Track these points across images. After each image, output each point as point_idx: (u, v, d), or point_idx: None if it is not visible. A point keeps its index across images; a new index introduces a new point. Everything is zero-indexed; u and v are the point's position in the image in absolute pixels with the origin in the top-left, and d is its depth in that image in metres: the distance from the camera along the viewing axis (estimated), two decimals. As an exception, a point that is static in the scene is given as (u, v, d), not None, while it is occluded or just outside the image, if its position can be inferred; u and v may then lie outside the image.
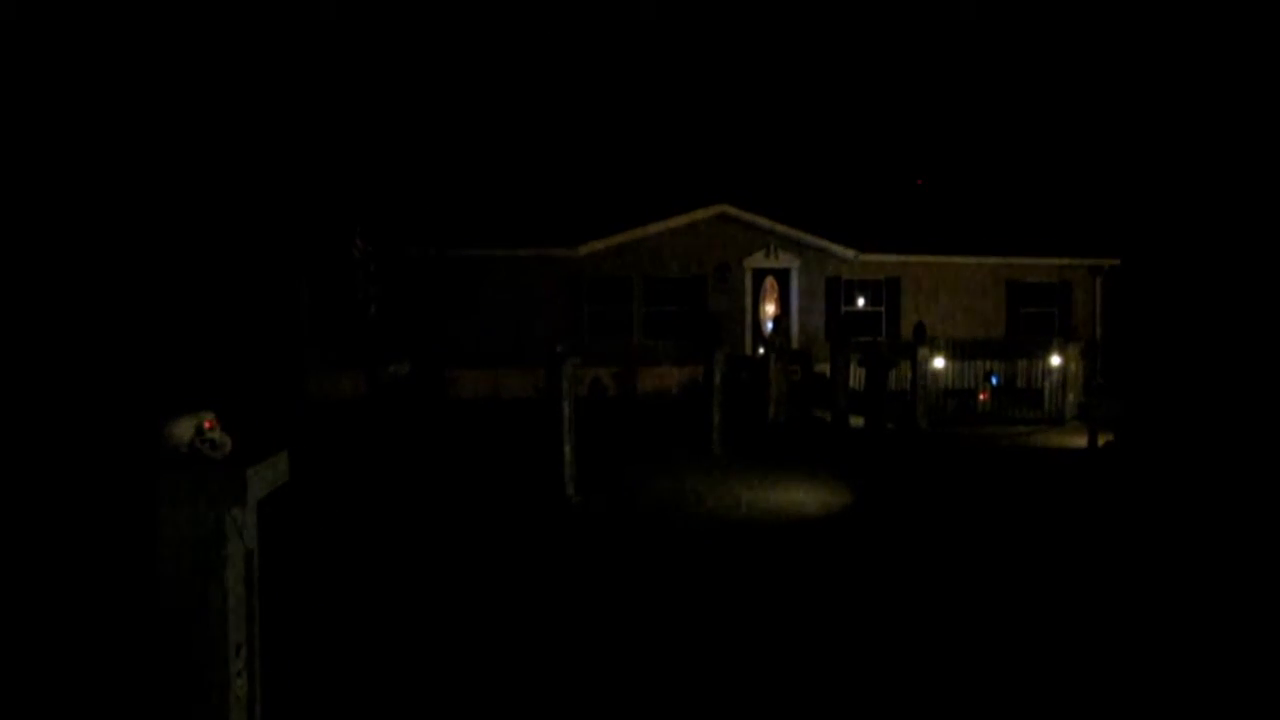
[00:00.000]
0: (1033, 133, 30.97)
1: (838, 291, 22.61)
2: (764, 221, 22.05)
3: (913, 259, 22.82)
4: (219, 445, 2.83)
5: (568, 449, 9.91)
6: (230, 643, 2.67)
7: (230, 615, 2.68)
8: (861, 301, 22.81)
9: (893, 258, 22.68)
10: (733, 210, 21.91)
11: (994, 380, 18.51)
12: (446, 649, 5.57)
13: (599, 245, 21.34)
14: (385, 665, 5.29)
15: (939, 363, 16.93)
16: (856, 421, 16.04)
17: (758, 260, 22.21)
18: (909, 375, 16.37)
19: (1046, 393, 17.60)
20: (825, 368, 18.51)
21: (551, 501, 9.63)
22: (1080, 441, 14.15)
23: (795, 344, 21.42)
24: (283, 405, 16.49)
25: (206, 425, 2.82)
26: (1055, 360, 17.37)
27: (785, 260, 22.29)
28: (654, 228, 21.65)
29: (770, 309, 22.16)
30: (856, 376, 17.16)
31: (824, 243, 22.23)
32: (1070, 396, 17.09)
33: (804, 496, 10.20)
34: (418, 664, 5.33)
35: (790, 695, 4.96)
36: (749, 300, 22.26)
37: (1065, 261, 23.56)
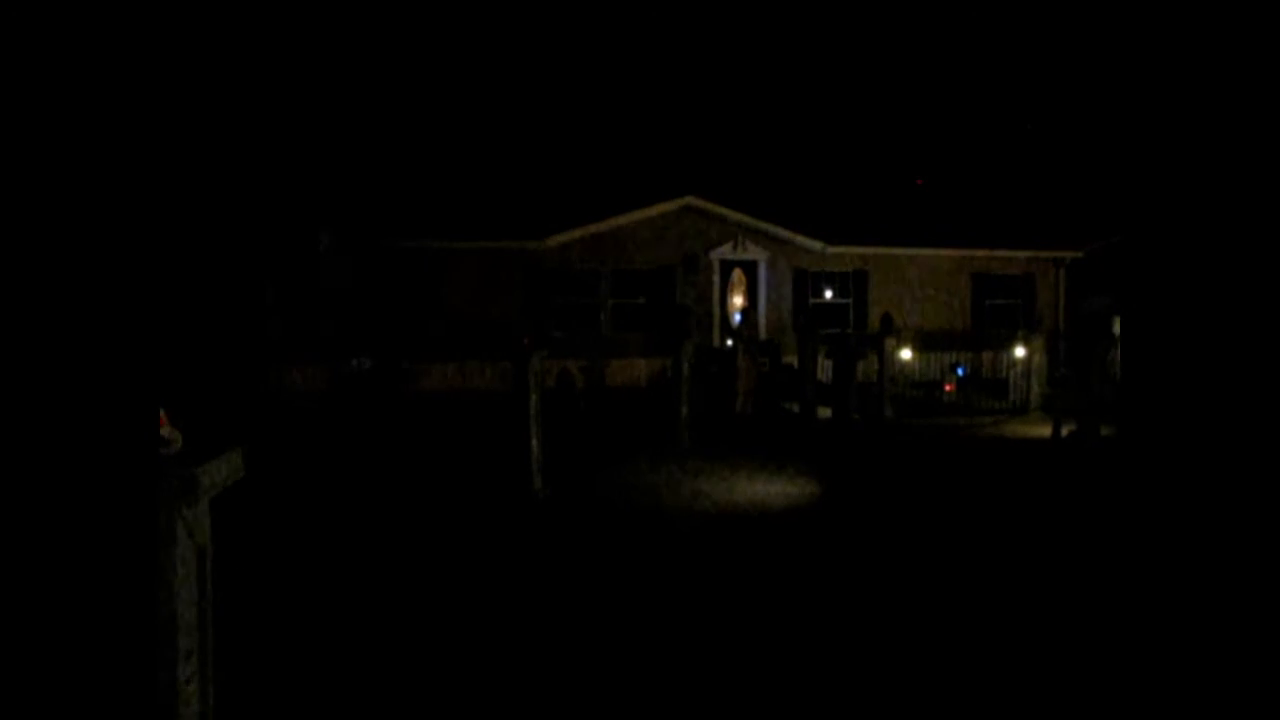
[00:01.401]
0: (997, 127, 31.18)
1: (805, 283, 22.65)
2: (731, 214, 22.04)
3: (880, 251, 22.92)
4: (169, 442, 2.74)
5: (535, 442, 9.83)
6: (180, 647, 2.57)
7: (180, 619, 2.58)
8: (829, 293, 22.87)
9: (860, 250, 22.76)
10: (700, 202, 21.88)
11: (960, 371, 18.64)
12: (409, 650, 5.48)
13: (566, 237, 21.24)
14: (346, 668, 5.20)
15: (906, 354, 17.01)
16: (824, 413, 16.08)
17: (726, 252, 22.20)
18: (876, 367, 16.43)
19: (1011, 383, 17.76)
20: (793, 359, 18.54)
21: (519, 495, 9.56)
22: (1044, 431, 14.28)
23: (763, 336, 21.45)
24: (242, 400, 16.26)
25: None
26: (1019, 351, 17.52)
27: (753, 252, 22.30)
28: (621, 219, 21.58)
29: (738, 301, 22.16)
30: (824, 368, 17.20)
31: (791, 235, 22.26)
32: (1034, 387, 17.24)
33: (772, 488, 10.19)
34: (379, 666, 5.23)
35: (754, 684, 4.93)
36: (717, 292, 22.25)
37: (1029, 254, 23.76)
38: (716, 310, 22.21)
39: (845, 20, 33.00)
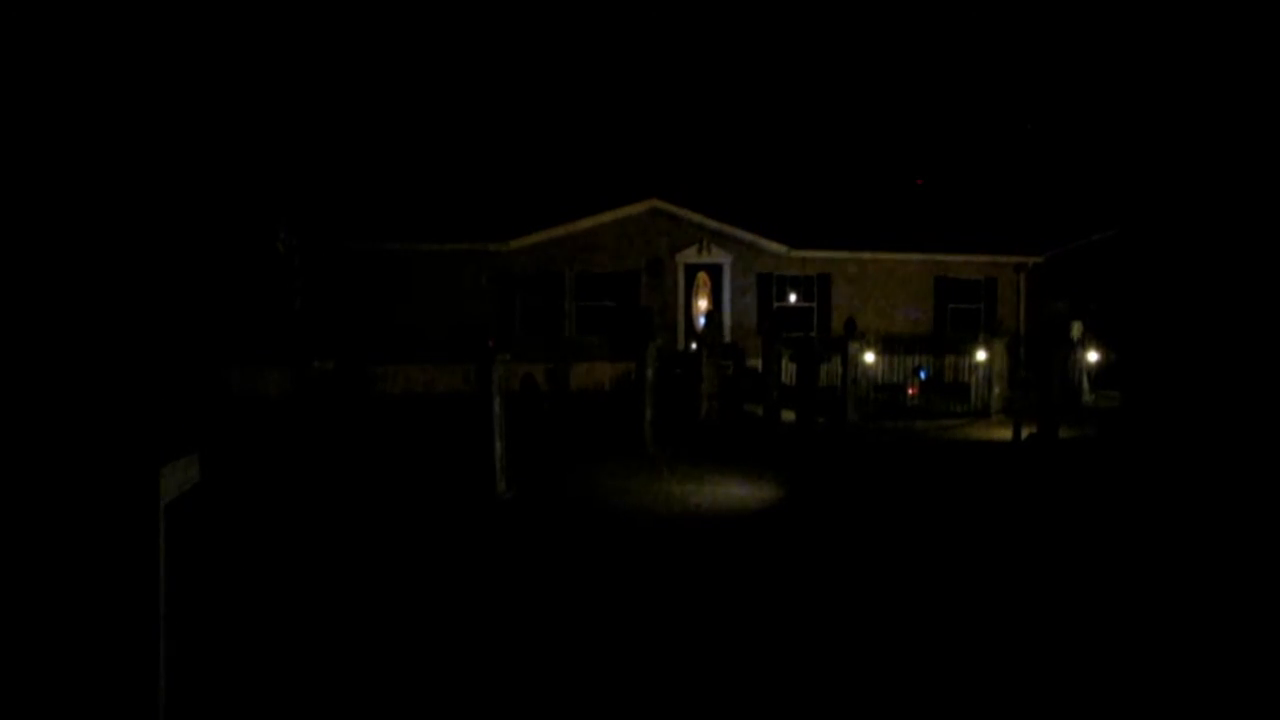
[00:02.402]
0: (960, 131, 31.50)
1: (770, 287, 22.75)
2: (696, 217, 22.09)
3: (844, 255, 23.07)
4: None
5: (498, 445, 9.77)
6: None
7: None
8: (793, 297, 22.98)
9: (824, 254, 22.90)
10: (664, 205, 21.90)
11: (923, 375, 18.79)
12: (371, 654, 5.41)
13: (530, 240, 21.18)
14: (308, 673, 5.12)
15: (869, 358, 17.11)
16: (788, 416, 16.12)
17: (690, 255, 22.24)
18: (840, 370, 16.51)
19: (973, 386, 17.91)
20: (757, 363, 18.60)
21: (482, 498, 9.49)
22: (1005, 434, 14.40)
23: (728, 339, 21.49)
24: (200, 403, 16.03)
25: (107, 426, 2.65)
26: (981, 355, 17.67)
27: (718, 255, 22.35)
28: (586, 222, 21.55)
29: (703, 304, 22.20)
30: (788, 371, 17.25)
31: (756, 238, 22.34)
32: (996, 390, 17.40)
33: (736, 491, 10.20)
34: (341, 671, 5.16)
35: (721, 685, 4.91)
36: (682, 295, 22.28)
37: (991, 259, 24.05)
38: (681, 314, 22.24)
39: (810, 26, 33.20)
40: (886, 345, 18.28)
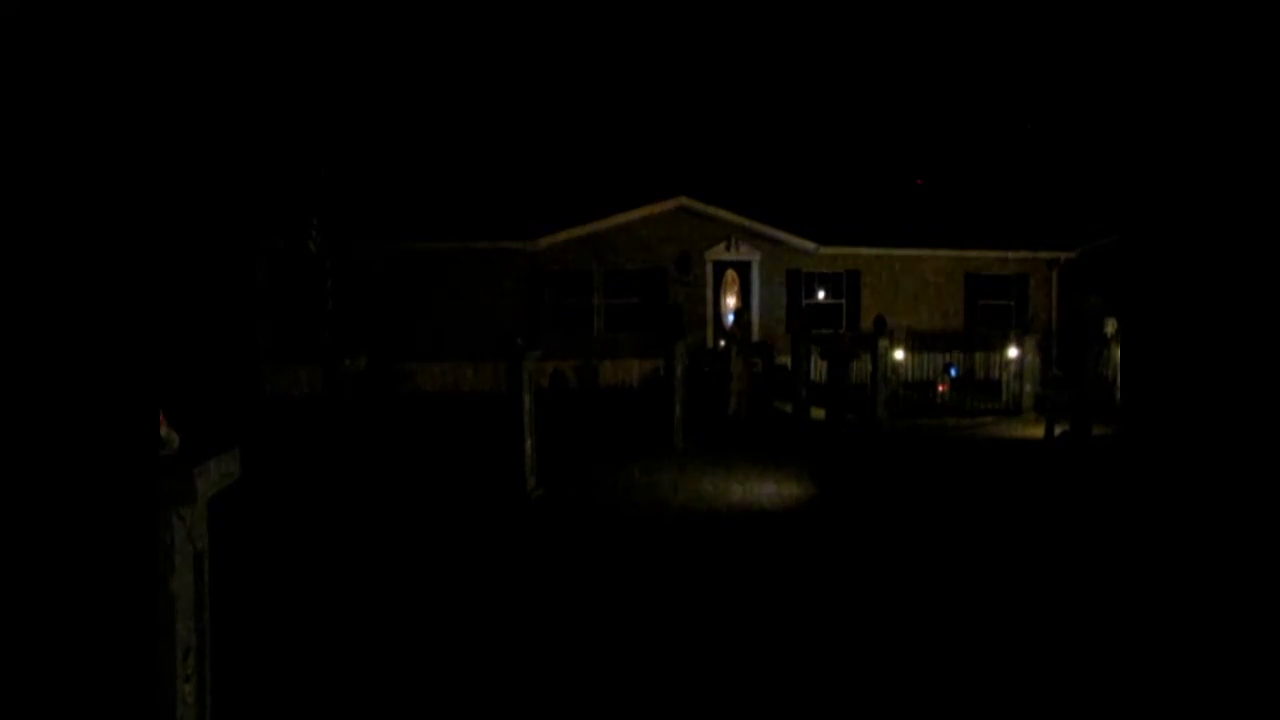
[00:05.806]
0: (991, 127, 31.24)
1: (798, 284, 22.68)
2: (724, 214, 22.06)
3: (873, 251, 22.96)
4: (166, 442, 2.72)
5: (528, 443, 9.82)
6: (178, 648, 2.56)
7: (178, 619, 2.57)
8: (822, 294, 22.90)
9: (853, 250, 22.80)
10: (692, 202, 21.89)
11: (953, 372, 18.67)
12: (405, 652, 5.47)
13: (559, 237, 21.24)
14: (341, 669, 5.19)
15: (899, 355, 17.03)
16: (817, 413, 16.08)
17: (718, 252, 22.22)
18: (870, 367, 16.44)
19: (1004, 384, 17.79)
20: (786, 360, 18.56)
21: (512, 496, 9.55)
22: (1037, 432, 14.31)
23: (756, 336, 21.46)
24: (236, 400, 16.21)
25: (151, 421, 2.71)
26: (1012, 352, 17.55)
27: (746, 252, 22.32)
28: (614, 220, 21.58)
29: (731, 301, 22.17)
30: (817, 369, 17.21)
31: (784, 235, 22.28)
32: (1027, 387, 17.27)
33: (767, 489, 10.20)
34: (375, 667, 5.23)
35: (750, 685, 4.93)
36: (710, 292, 22.26)
37: (1023, 254, 23.83)
38: (710, 311, 22.23)
39: (838, 20, 33.03)
40: (917, 342, 18.17)
